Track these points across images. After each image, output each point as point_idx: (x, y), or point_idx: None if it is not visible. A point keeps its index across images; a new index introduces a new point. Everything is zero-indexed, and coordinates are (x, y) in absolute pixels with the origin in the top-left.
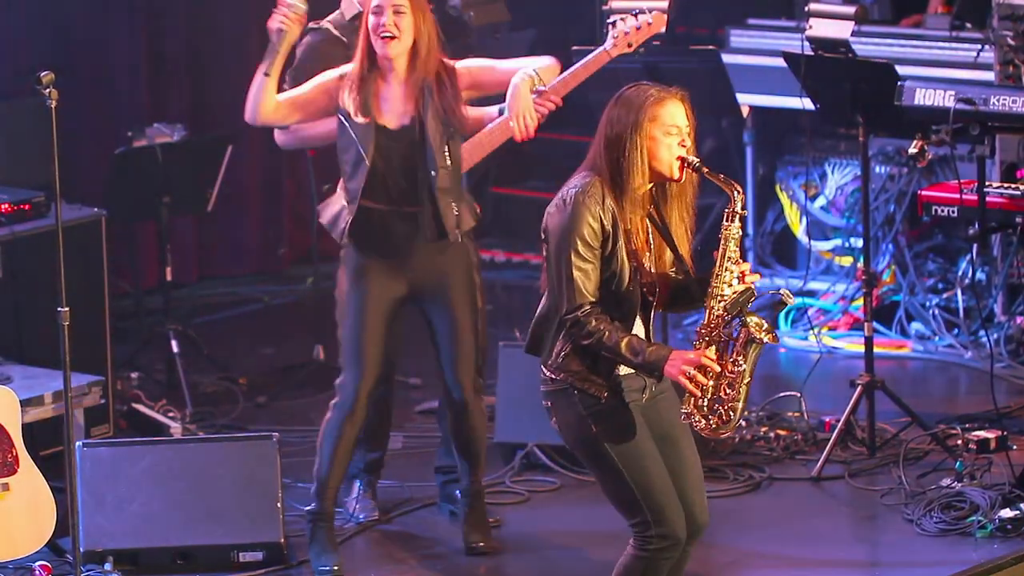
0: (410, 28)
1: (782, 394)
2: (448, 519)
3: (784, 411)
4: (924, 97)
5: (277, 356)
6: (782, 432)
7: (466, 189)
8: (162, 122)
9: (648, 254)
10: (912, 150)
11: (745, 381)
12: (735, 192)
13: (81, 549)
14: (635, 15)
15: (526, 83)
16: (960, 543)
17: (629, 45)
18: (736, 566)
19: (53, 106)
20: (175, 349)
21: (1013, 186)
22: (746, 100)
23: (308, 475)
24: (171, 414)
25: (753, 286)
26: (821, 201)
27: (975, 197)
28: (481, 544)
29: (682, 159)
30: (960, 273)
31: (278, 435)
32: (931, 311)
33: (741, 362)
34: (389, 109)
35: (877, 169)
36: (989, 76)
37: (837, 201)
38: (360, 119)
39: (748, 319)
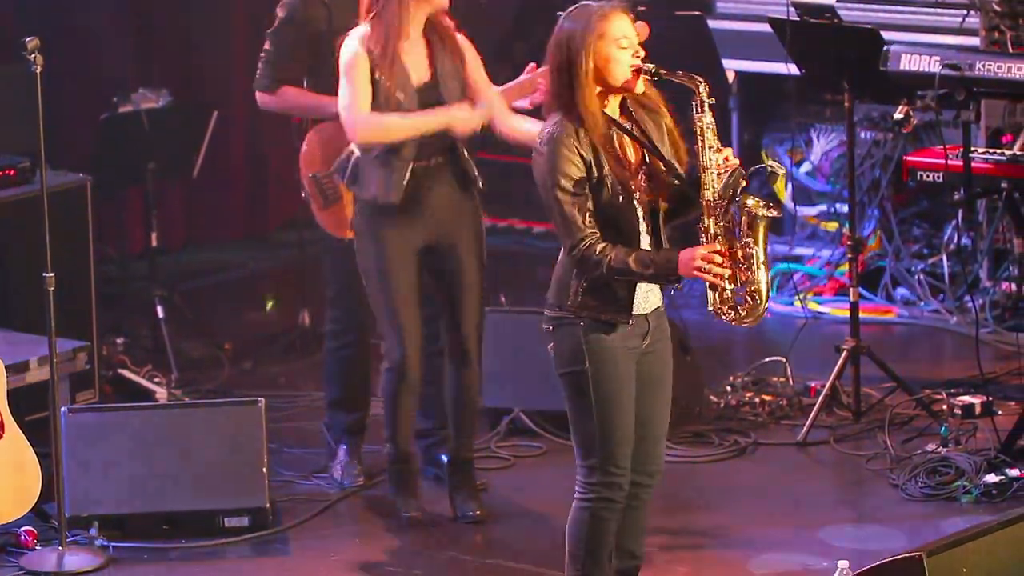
0: None
1: (767, 359)
2: (432, 483)
3: (769, 376)
4: (909, 62)
5: (263, 322)
6: (767, 397)
7: None
8: (148, 88)
9: (639, 165)
10: (897, 115)
11: (761, 261)
12: (699, 84)
13: (66, 515)
14: None
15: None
16: (945, 508)
17: None
18: (721, 531)
19: (38, 72)
20: (160, 315)
21: (998, 151)
22: (731, 66)
23: (294, 441)
24: (156, 380)
25: (739, 166)
26: (807, 167)
27: (960, 162)
28: (478, 513)
29: (636, 68)
30: (945, 238)
31: (264, 401)
32: (916, 276)
33: (751, 244)
34: (413, 68)
35: (862, 135)
36: (975, 41)
37: (822, 166)
38: (395, 69)
39: (745, 200)
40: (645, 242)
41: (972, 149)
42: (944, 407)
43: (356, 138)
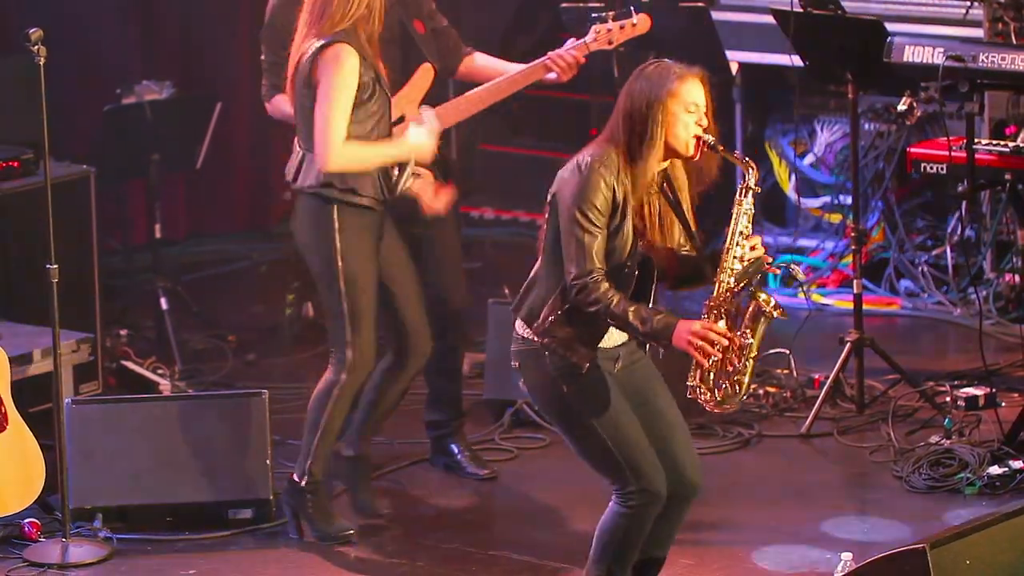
0: None
1: (771, 351)
2: (443, 473)
3: (773, 368)
4: (913, 54)
5: (266, 313)
6: (771, 389)
7: (455, 146)
8: (151, 79)
9: (658, 230)
10: (901, 107)
11: (752, 355)
12: (750, 169)
13: (70, 506)
14: (623, 12)
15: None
16: (948, 500)
17: (610, 43)
18: (725, 523)
19: (42, 63)
20: (164, 306)
21: (1002, 143)
22: (735, 57)
23: (297, 433)
24: (160, 371)
25: (763, 257)
26: (810, 158)
27: (964, 154)
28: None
29: (698, 137)
30: (949, 230)
31: (267, 392)
32: (920, 268)
33: (749, 335)
34: (377, 66)
35: (866, 126)
36: (978, 33)
37: (826, 158)
38: (382, 77)
39: (758, 293)
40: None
41: (976, 141)
42: (948, 399)
43: (327, 167)
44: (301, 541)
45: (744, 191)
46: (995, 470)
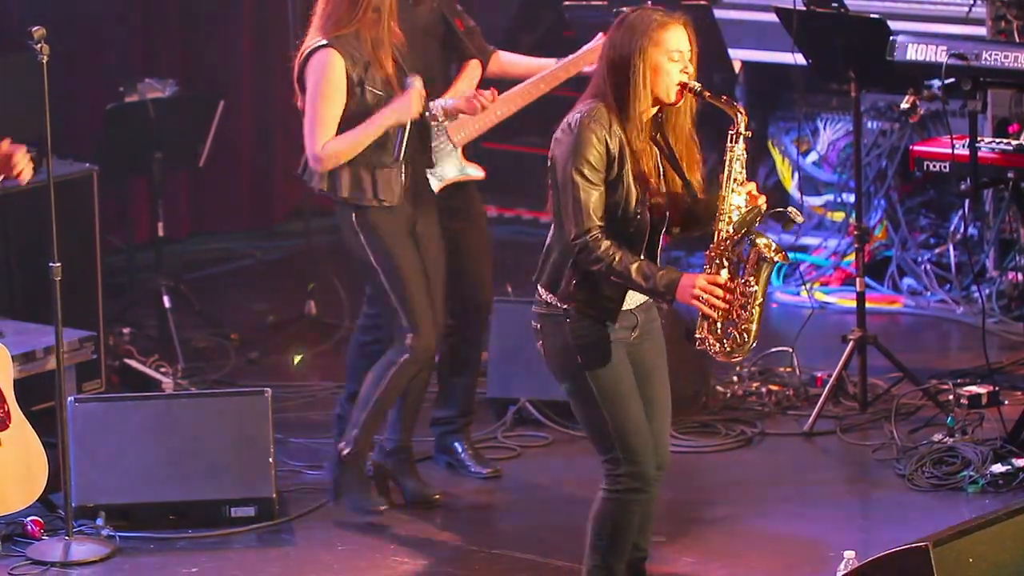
0: None
1: (774, 349)
2: (446, 471)
3: (776, 366)
4: (916, 52)
5: (269, 312)
6: (774, 387)
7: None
8: (154, 77)
9: (657, 178)
10: (904, 105)
11: (757, 302)
12: (738, 114)
13: (73, 504)
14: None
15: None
16: (951, 498)
17: None
18: (728, 521)
19: (44, 61)
20: (167, 304)
21: (1005, 141)
22: (738, 55)
23: (300, 431)
24: (163, 369)
25: (760, 204)
26: (813, 156)
27: (967, 152)
28: (438, 496)
29: (682, 84)
30: (952, 228)
31: (270, 391)
32: (923, 266)
33: (753, 283)
34: (387, 66)
35: (869, 124)
36: (981, 31)
37: (829, 156)
38: (379, 79)
39: (757, 239)
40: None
41: (979, 139)
42: (951, 397)
43: (321, 168)
44: (305, 540)
45: (735, 137)
46: (998, 468)
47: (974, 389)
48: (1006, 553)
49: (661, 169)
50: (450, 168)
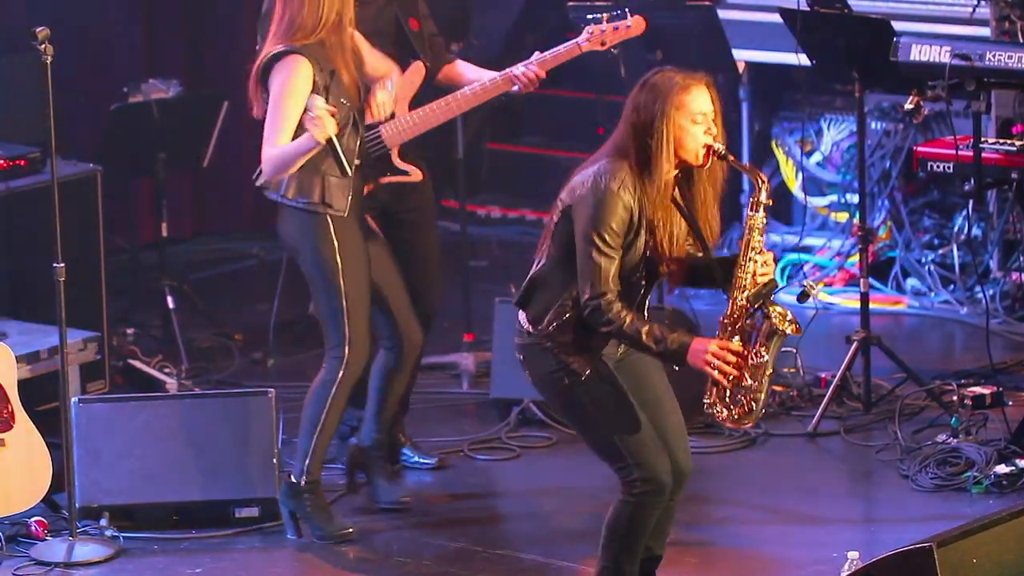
0: None
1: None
2: (448, 472)
3: (780, 367)
4: (920, 53)
5: (273, 312)
6: (778, 388)
7: (461, 145)
8: (158, 78)
9: (669, 240)
10: (908, 106)
11: (767, 372)
12: (760, 181)
13: (77, 505)
14: (617, 14)
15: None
16: (955, 499)
17: (603, 43)
18: (731, 521)
19: (48, 61)
20: (171, 305)
21: (1009, 142)
22: (742, 56)
23: None
24: (167, 370)
25: (776, 277)
26: (817, 157)
27: (971, 153)
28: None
29: (708, 147)
30: (956, 229)
31: (274, 391)
32: (927, 267)
33: (764, 353)
34: (351, 71)
35: (873, 125)
36: (985, 32)
37: (833, 157)
38: (344, 86)
39: (772, 309)
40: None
41: (982, 140)
42: (954, 398)
43: (266, 176)
44: (305, 541)
45: (755, 205)
46: (1002, 469)
47: (978, 390)
48: (1010, 554)
49: (674, 230)
50: (380, 170)
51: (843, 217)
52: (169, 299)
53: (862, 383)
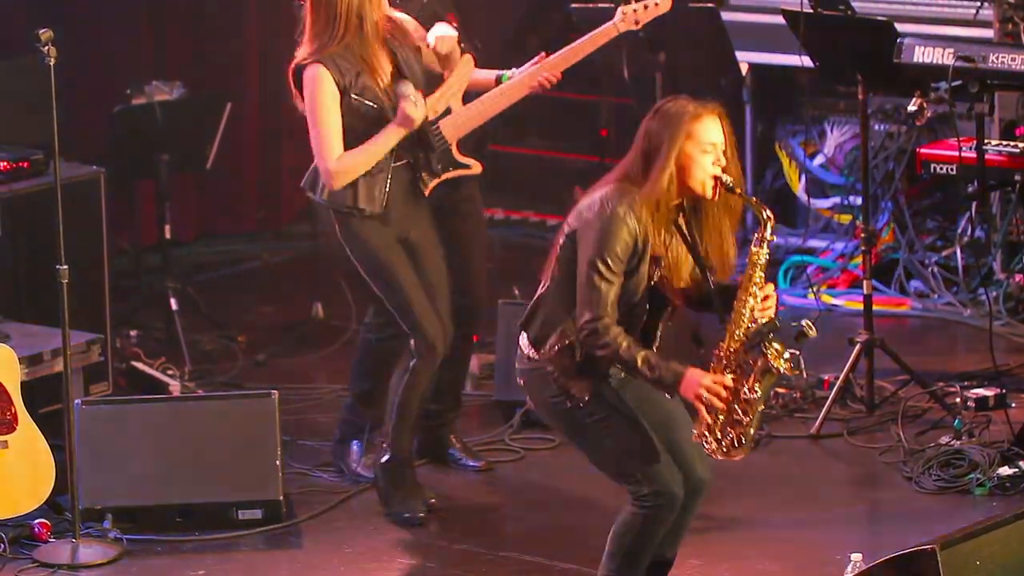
0: None
1: None
2: (451, 473)
3: None
4: (923, 55)
5: (276, 314)
6: (781, 390)
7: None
8: (161, 80)
9: (670, 267)
10: (911, 108)
11: (758, 408)
12: (767, 219)
13: (80, 507)
14: None
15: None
16: (958, 501)
17: (636, 23)
18: (734, 524)
19: (52, 63)
20: (174, 307)
21: (1012, 144)
22: (745, 58)
23: (307, 433)
24: (170, 372)
25: (776, 319)
26: (820, 159)
27: (974, 155)
28: (434, 500)
29: (716, 178)
30: (959, 231)
31: (277, 393)
32: (930, 269)
33: (756, 389)
34: (380, 69)
35: (876, 127)
36: (988, 33)
37: (836, 159)
38: (370, 86)
39: (768, 348)
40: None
41: (986, 141)
42: (958, 400)
43: (335, 184)
44: (312, 542)
45: (759, 241)
46: (1005, 471)
47: (981, 392)
48: (1013, 556)
49: (675, 258)
50: (444, 164)
51: (846, 219)
52: (172, 301)
53: (865, 385)
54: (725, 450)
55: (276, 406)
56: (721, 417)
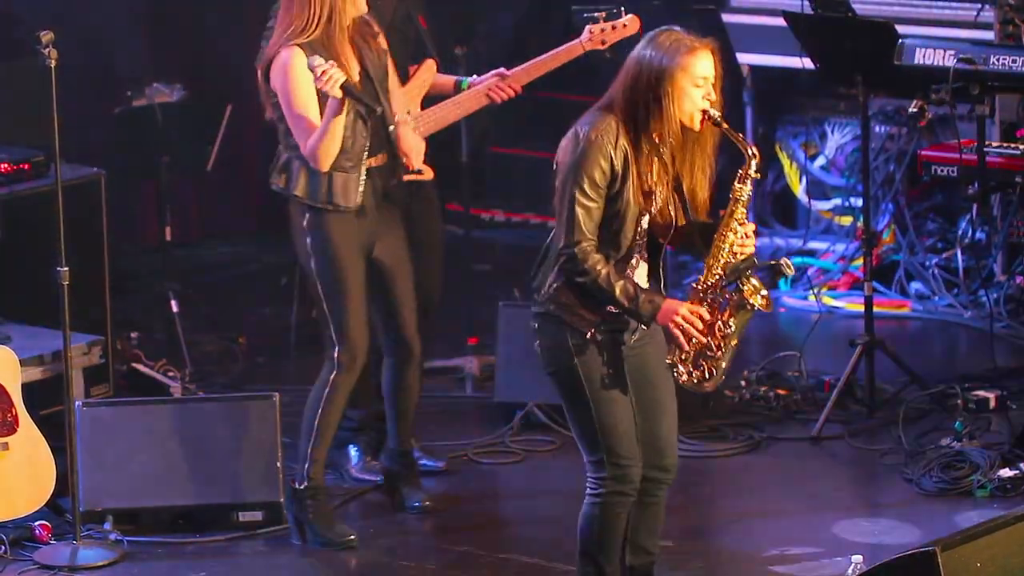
0: None
1: (782, 353)
2: (451, 476)
3: (784, 371)
4: (924, 56)
5: (276, 316)
6: (782, 392)
7: (465, 149)
8: (162, 82)
9: (657, 195)
10: (912, 109)
11: (732, 342)
12: (751, 155)
13: (81, 508)
14: (613, 13)
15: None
16: (959, 502)
17: (603, 43)
18: (735, 525)
19: (52, 65)
20: (175, 309)
21: (1013, 146)
22: (746, 59)
23: None
24: (171, 374)
25: (754, 256)
26: (821, 161)
27: (975, 157)
28: (428, 503)
29: (704, 112)
30: (960, 233)
31: (278, 395)
32: (931, 271)
33: (731, 323)
34: (348, 66)
35: (877, 128)
36: (989, 35)
37: (837, 160)
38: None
39: (745, 284)
40: (642, 271)
41: (986, 143)
42: (958, 401)
43: (324, 167)
44: (309, 546)
45: (743, 177)
46: (1006, 472)
47: (982, 394)
48: (1014, 558)
49: (661, 188)
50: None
51: (847, 221)
52: (173, 303)
53: (866, 387)
54: (695, 381)
55: (277, 408)
56: (694, 348)
